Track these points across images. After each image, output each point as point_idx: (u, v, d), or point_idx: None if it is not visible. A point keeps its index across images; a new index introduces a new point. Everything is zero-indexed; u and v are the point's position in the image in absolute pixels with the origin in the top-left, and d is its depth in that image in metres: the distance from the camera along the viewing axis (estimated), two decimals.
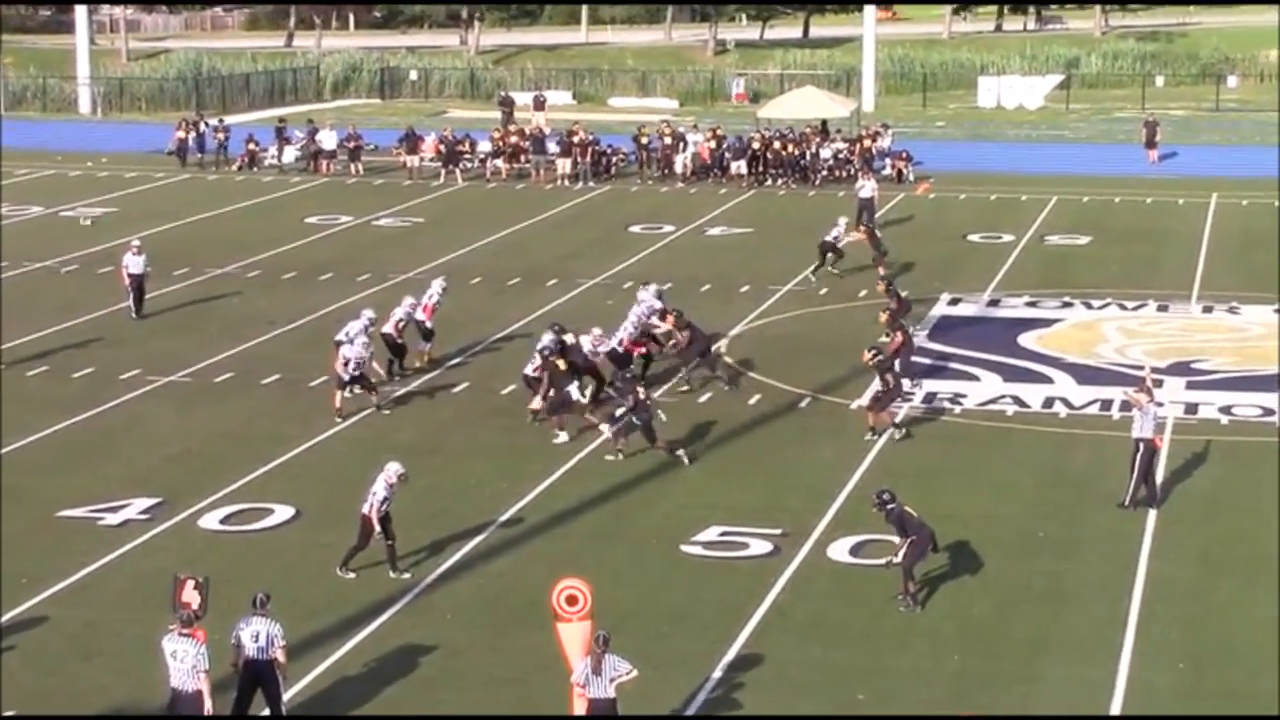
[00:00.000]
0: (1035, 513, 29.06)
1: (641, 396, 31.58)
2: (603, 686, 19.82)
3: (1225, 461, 31.30)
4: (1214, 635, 24.17)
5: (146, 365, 37.77)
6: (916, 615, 24.67)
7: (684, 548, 27.35)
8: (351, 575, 25.91)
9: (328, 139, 68.45)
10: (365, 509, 25.92)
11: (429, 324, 38.09)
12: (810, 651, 23.62)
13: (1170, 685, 22.61)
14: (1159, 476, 29.83)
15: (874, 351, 33.86)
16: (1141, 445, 28.91)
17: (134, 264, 42.70)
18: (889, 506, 24.85)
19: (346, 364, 33.97)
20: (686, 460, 31.39)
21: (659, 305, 37.40)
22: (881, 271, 43.54)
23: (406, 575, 25.95)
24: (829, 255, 47.40)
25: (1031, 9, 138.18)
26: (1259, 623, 24.52)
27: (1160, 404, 30.76)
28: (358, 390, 34.26)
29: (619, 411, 31.88)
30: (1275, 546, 27.26)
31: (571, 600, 20.70)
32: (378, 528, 25.91)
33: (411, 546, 27.00)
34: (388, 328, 36.52)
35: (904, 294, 40.13)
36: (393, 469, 26.09)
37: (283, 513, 28.83)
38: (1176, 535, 27.92)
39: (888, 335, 36.45)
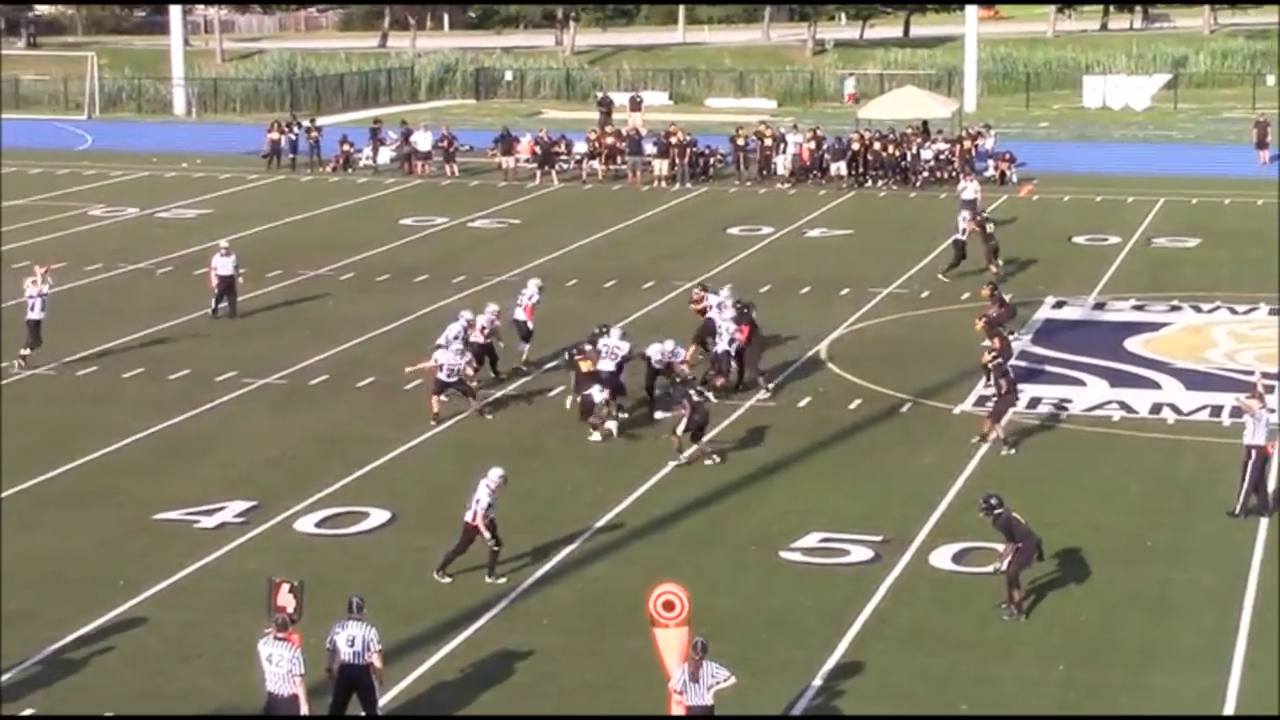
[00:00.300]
0: (1143, 520, 28.49)
1: (696, 399, 31.08)
2: (700, 694, 19.49)
3: None
4: None
5: (241, 368, 37.69)
6: (1022, 624, 24.19)
7: (783, 554, 26.95)
8: (448, 580, 25.66)
9: (422, 140, 68.41)
10: (469, 516, 25.63)
11: (530, 324, 37.79)
12: (912, 660, 23.19)
13: None
14: (1270, 484, 29.18)
15: (994, 354, 33.24)
16: (1253, 452, 28.27)
17: (222, 265, 42.69)
18: (996, 511, 24.36)
19: (441, 369, 33.75)
20: (717, 459, 31.26)
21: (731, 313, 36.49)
22: (993, 269, 43.03)
23: (502, 580, 25.67)
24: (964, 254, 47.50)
25: (1138, 7, 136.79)
26: None
27: (1272, 410, 30.06)
28: (451, 395, 34.03)
29: (679, 415, 31.32)
30: None
31: (669, 606, 20.37)
32: (486, 534, 25.61)
33: (508, 551, 26.69)
34: (474, 335, 36.06)
35: (1008, 298, 39.53)
36: (495, 474, 25.83)
37: (378, 516, 28.63)
38: None
39: (987, 341, 35.77)
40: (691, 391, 31.38)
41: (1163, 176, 65.35)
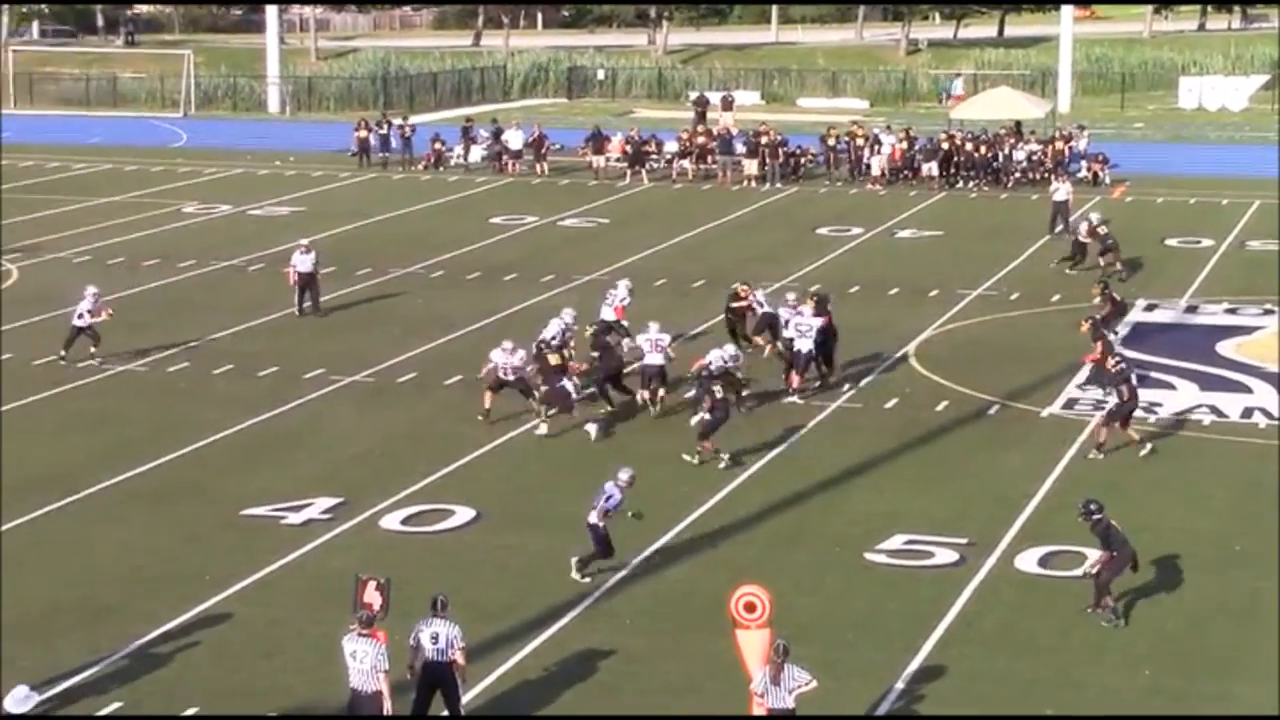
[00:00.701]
0: (1232, 526, 28.21)
1: (719, 395, 30.94)
2: (781, 697, 19.45)
3: None
4: None
5: (330, 365, 37.90)
6: (1107, 630, 23.99)
7: (868, 556, 26.85)
8: (586, 579, 25.55)
9: (513, 138, 68.58)
10: (593, 517, 25.54)
11: (624, 323, 37.75)
12: (996, 663, 23.06)
13: None
14: None
15: (1116, 359, 32.88)
16: None
17: (302, 263, 42.91)
18: (1096, 517, 24.07)
19: (506, 370, 33.74)
20: (729, 461, 30.98)
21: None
22: (1104, 262, 42.94)
23: (587, 580, 25.65)
24: (1080, 255, 47.97)
25: (1236, 7, 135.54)
26: None
27: None
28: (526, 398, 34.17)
29: (703, 416, 31.03)
30: None
31: (750, 608, 20.35)
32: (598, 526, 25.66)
33: (590, 550, 26.76)
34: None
35: (1119, 298, 39.30)
36: (624, 474, 25.76)
37: (463, 514, 28.71)
38: None
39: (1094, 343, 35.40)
40: (715, 388, 31.13)
41: (1259, 179, 64.71)
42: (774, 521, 28.57)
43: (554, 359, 33.69)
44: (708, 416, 30.87)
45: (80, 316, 37.78)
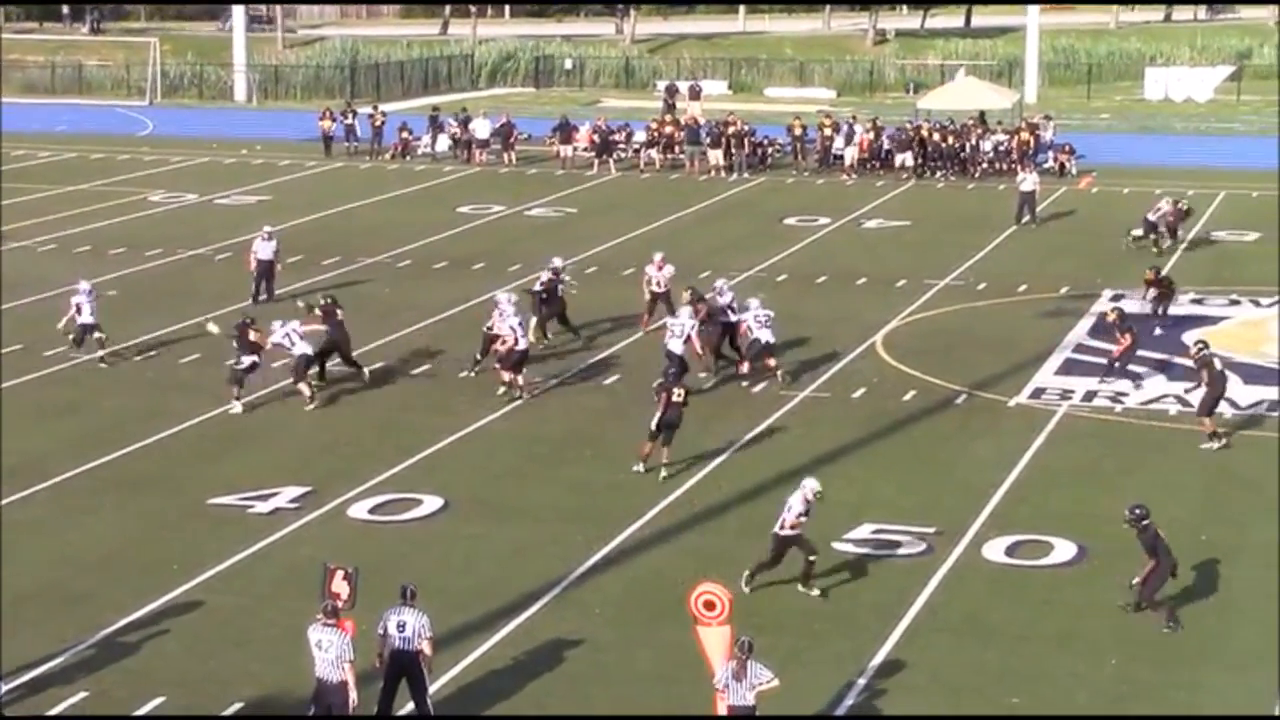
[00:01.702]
0: (1199, 516, 28.31)
1: (675, 399, 29.89)
2: (743, 694, 19.43)
3: None
4: None
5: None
6: (1073, 619, 24.06)
7: (836, 545, 26.88)
8: (747, 590, 24.83)
9: (481, 128, 68.47)
10: (778, 527, 24.94)
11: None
12: (963, 653, 23.13)
13: None
14: None
15: (1199, 345, 32.75)
16: None
17: (263, 249, 42.79)
18: (1144, 523, 23.71)
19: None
20: (663, 474, 30.00)
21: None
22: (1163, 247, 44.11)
23: (815, 593, 24.95)
24: (1152, 234, 49.07)
25: None
26: None
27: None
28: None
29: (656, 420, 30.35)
30: None
31: (709, 605, 20.34)
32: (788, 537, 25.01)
33: (560, 540, 26.81)
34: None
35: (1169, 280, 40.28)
36: (810, 485, 25.07)
37: (432, 504, 28.69)
38: None
39: (1119, 335, 35.46)
40: (677, 390, 30.12)
41: (1224, 170, 64.96)
42: (742, 511, 28.59)
43: (255, 336, 34.04)
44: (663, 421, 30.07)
45: (79, 311, 37.22)
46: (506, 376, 34.39)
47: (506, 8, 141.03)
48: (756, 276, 45.84)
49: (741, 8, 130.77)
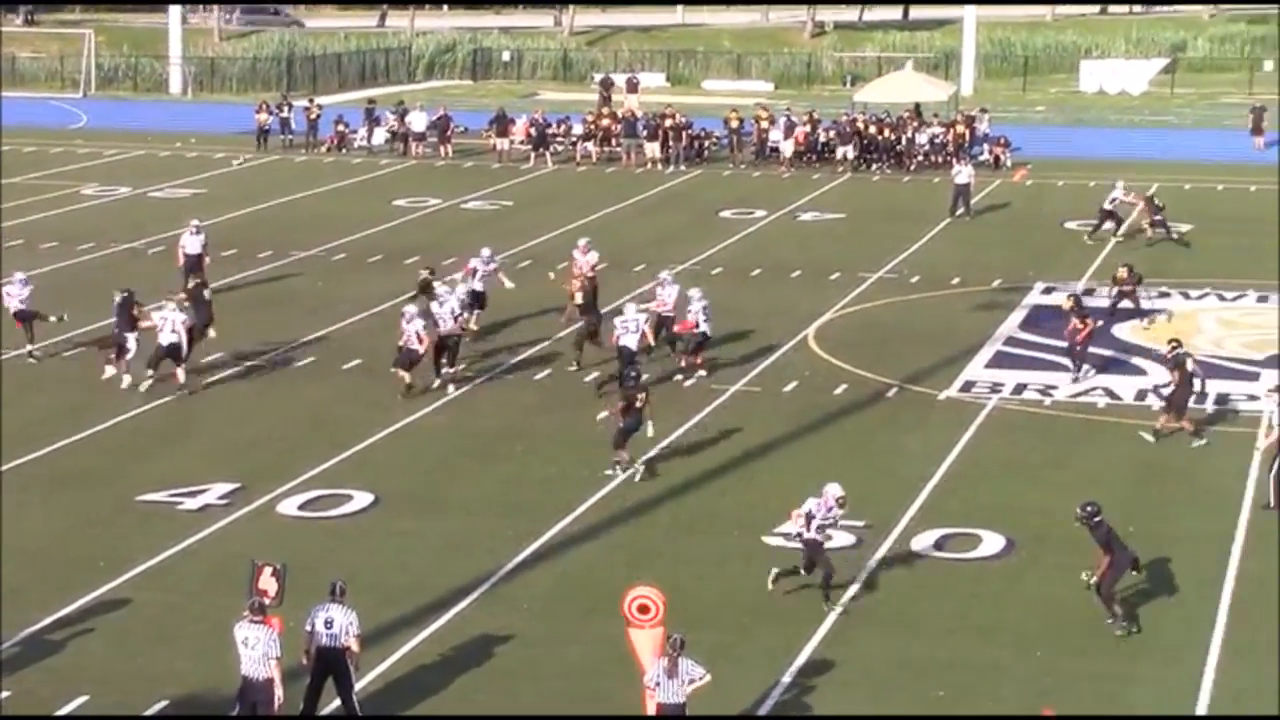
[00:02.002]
0: (1126, 507, 28.37)
1: (636, 404, 29.62)
2: (674, 691, 19.43)
3: None
4: None
5: (228, 348, 37.61)
6: (1000, 611, 24.19)
7: (766, 539, 26.95)
8: (770, 588, 24.64)
9: (417, 120, 68.29)
10: (807, 533, 24.50)
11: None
12: (891, 645, 23.22)
13: (1259, 685, 22.10)
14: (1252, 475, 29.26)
15: (1173, 344, 32.84)
16: None
17: (191, 244, 42.52)
18: (1097, 520, 23.62)
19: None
20: (636, 478, 29.70)
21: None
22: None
23: (839, 609, 24.36)
24: (1106, 223, 49.73)
25: None
26: None
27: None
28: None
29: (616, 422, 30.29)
30: None
31: (643, 609, 20.36)
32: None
33: (491, 536, 26.81)
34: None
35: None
36: (831, 491, 24.58)
37: (362, 499, 28.63)
38: (1271, 531, 27.29)
39: (1080, 322, 35.59)
40: (637, 396, 29.84)
41: (1158, 162, 65.26)
42: (674, 505, 28.64)
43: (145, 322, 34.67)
44: (620, 423, 29.99)
45: (21, 302, 37.07)
46: (407, 377, 34.29)
47: None
48: (691, 269, 45.88)
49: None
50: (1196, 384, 32.03)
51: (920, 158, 64.28)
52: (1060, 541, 26.59)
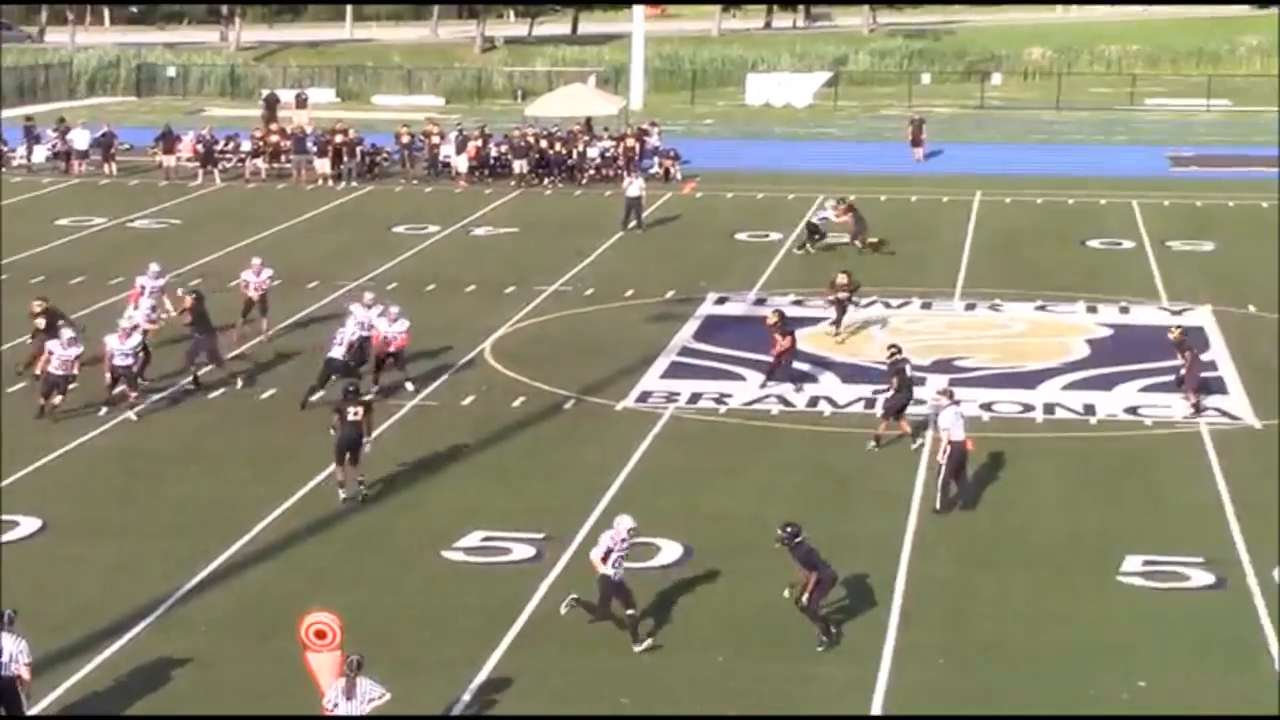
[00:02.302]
0: (800, 512, 28.67)
1: (351, 417, 29.00)
2: (353, 711, 19.29)
3: (984, 457, 31.33)
4: (974, 632, 24.27)
5: None
6: (683, 617, 24.41)
7: (445, 554, 26.88)
8: (642, 646, 23.55)
9: (80, 138, 66.77)
10: (601, 568, 23.84)
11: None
12: (573, 656, 23.29)
13: (930, 683, 22.65)
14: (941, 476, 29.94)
15: (892, 350, 33.32)
16: (951, 447, 28.91)
17: None
18: (797, 540, 23.61)
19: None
20: (358, 499, 29.32)
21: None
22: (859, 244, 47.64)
23: (645, 645, 23.72)
24: (815, 236, 50.48)
25: (801, 6, 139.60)
26: (1018, 619, 24.67)
27: (958, 402, 30.61)
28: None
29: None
30: (1035, 543, 27.53)
31: (320, 634, 20.15)
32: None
33: (165, 558, 26.30)
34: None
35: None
36: (623, 523, 23.92)
37: (29, 525, 27.85)
38: (938, 533, 28.00)
39: (779, 337, 35.97)
40: (351, 409, 29.24)
41: (822, 173, 66.47)
42: (353, 522, 28.40)
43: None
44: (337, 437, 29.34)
45: None
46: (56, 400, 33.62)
47: (106, 14, 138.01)
48: (365, 285, 45.53)
49: (349, 15, 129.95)
50: (917, 390, 32.84)
51: (592, 172, 64.68)
52: (737, 548, 26.99)
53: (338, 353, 34.25)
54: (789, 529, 23.62)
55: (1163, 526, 28.37)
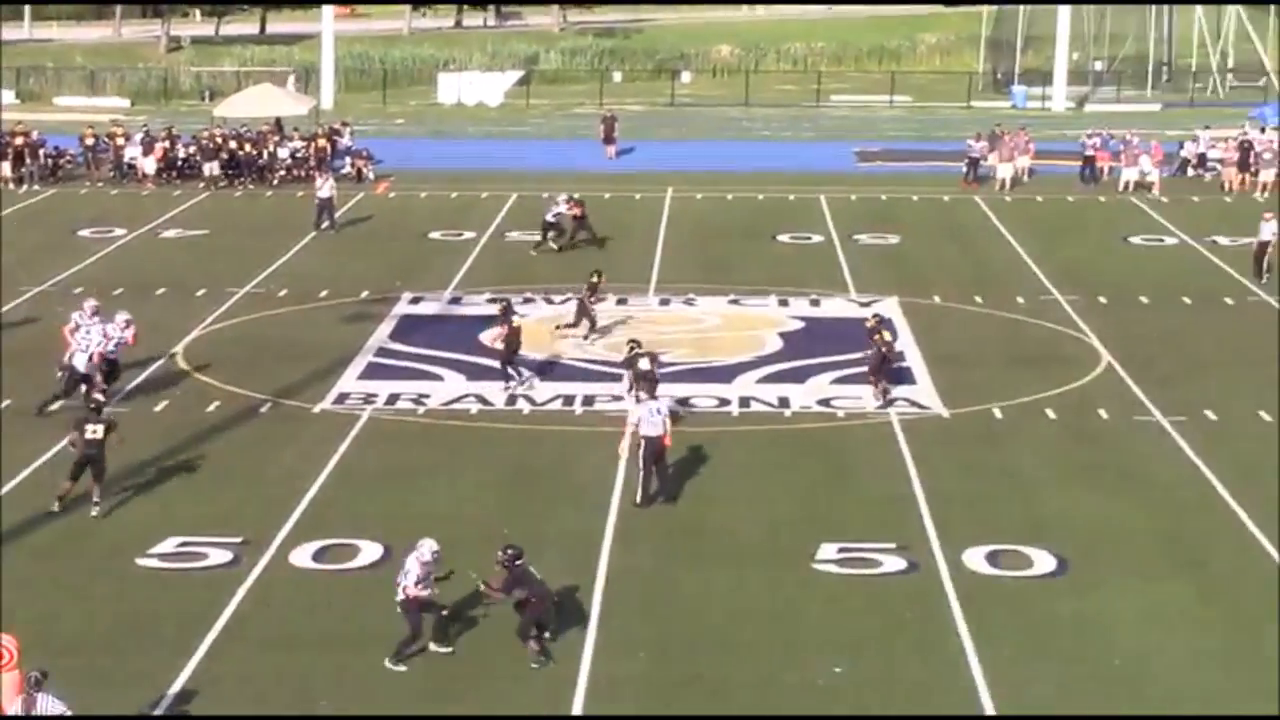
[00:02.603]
0: (501, 510, 28.96)
1: (89, 435, 28.55)
2: None
3: (682, 451, 31.64)
4: (675, 623, 24.51)
5: None
6: (380, 620, 24.18)
7: (140, 561, 26.39)
8: (402, 668, 23.09)
9: None
10: (400, 594, 23.29)
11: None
12: (272, 659, 23.09)
13: (632, 675, 22.85)
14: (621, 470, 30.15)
15: (631, 345, 33.46)
16: (645, 441, 29.10)
17: None
18: (518, 563, 23.31)
19: None
20: (95, 512, 28.63)
21: None
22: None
23: (449, 650, 23.51)
24: (549, 233, 50.40)
25: (491, 6, 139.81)
26: (718, 610, 24.97)
27: (656, 398, 30.84)
28: None
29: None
30: (734, 534, 27.90)
31: None
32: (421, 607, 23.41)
33: None
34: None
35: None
36: (427, 546, 23.43)
37: None
38: (638, 528, 28.21)
39: (502, 325, 35.90)
40: (91, 427, 28.69)
41: (516, 172, 66.53)
42: (45, 529, 27.77)
43: None
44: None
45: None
46: None
47: None
48: (48, 291, 44.53)
49: (28, 15, 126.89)
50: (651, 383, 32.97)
51: (283, 172, 63.91)
52: (442, 546, 26.82)
53: (80, 362, 33.37)
54: (510, 551, 23.41)
55: (856, 514, 28.94)
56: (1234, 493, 29.84)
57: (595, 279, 40.90)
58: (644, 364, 33.11)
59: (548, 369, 37.28)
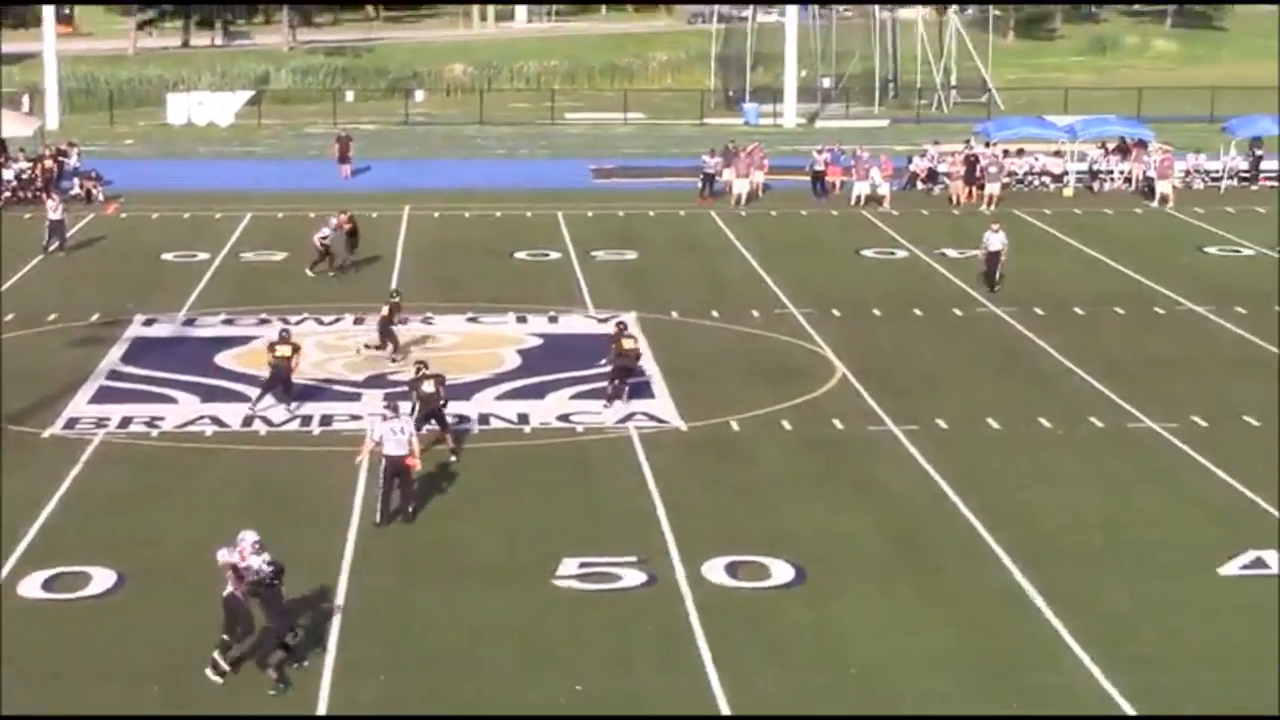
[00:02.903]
0: (238, 530, 28.50)
1: None
2: None
3: (432, 468, 31.44)
4: (415, 644, 24.41)
5: None
6: (115, 648, 23.80)
7: None
8: (219, 678, 22.74)
9: None
10: (227, 591, 22.65)
11: None
12: (30, 694, 22.58)
13: (372, 697, 22.73)
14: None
15: (419, 366, 33.17)
16: (387, 460, 28.96)
17: None
18: (276, 583, 23.01)
19: None
20: None
21: None
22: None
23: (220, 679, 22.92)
24: (327, 258, 49.67)
25: (218, 24, 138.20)
26: (458, 628, 24.93)
27: (397, 416, 30.61)
28: None
29: None
30: (475, 552, 27.88)
31: None
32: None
33: None
34: None
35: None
36: (248, 538, 22.88)
37: None
38: (379, 547, 28.06)
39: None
40: None
41: (249, 192, 65.74)
42: None
43: None
44: None
45: None
46: None
47: None
48: None
49: None
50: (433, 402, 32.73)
51: (8, 194, 62.52)
52: (170, 573, 26.50)
53: None
54: (272, 567, 23.09)
55: (597, 529, 29.07)
56: (964, 498, 30.52)
57: (395, 298, 40.67)
58: (428, 386, 32.87)
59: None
